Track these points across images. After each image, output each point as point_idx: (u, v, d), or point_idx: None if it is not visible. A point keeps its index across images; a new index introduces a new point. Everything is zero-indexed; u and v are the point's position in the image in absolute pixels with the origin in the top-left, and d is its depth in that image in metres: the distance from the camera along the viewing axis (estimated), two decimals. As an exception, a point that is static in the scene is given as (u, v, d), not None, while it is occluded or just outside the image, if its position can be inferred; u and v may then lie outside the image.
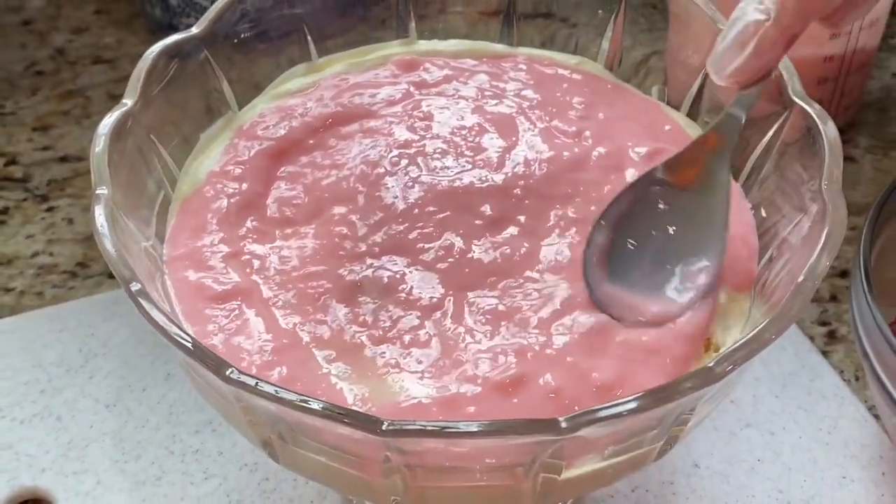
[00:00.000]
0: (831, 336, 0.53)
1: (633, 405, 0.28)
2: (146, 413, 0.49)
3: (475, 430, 0.27)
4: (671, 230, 0.37)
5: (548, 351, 0.34)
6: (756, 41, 0.34)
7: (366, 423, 0.28)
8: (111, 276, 0.57)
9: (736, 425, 0.48)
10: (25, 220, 0.61)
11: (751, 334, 0.30)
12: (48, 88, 0.71)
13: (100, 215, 0.33)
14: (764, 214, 0.39)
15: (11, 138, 0.66)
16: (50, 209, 0.61)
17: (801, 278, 0.32)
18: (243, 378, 0.29)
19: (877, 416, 0.48)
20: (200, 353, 0.29)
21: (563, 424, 0.27)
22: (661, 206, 0.38)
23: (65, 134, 0.67)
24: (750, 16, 0.34)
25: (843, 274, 0.56)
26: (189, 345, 0.30)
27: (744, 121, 0.37)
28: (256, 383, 0.28)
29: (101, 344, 0.52)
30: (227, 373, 0.29)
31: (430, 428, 0.28)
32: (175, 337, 0.30)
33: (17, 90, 0.71)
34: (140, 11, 0.76)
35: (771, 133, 0.39)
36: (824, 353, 0.52)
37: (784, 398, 0.49)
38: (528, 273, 0.37)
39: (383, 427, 0.27)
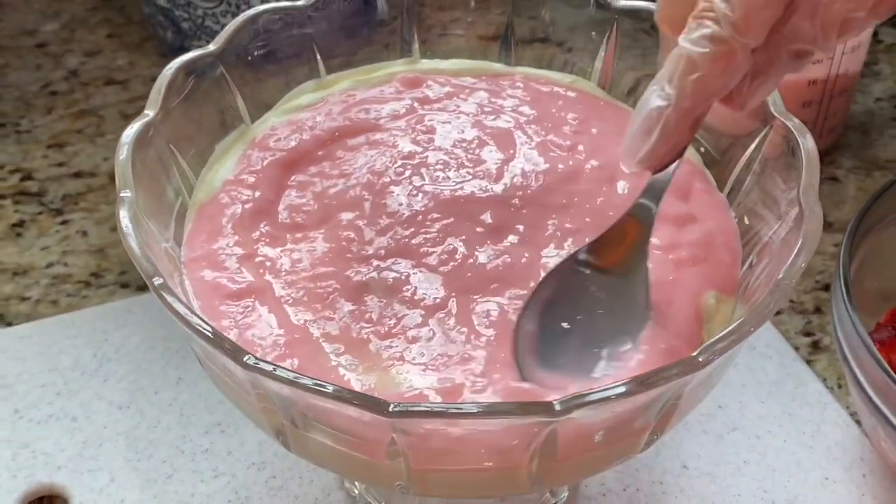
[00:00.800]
0: (815, 346, 0.55)
1: (621, 389, 0.30)
2: (158, 414, 0.51)
3: (475, 410, 0.29)
4: (598, 313, 0.37)
5: None
6: (660, 127, 0.34)
7: (374, 404, 0.29)
8: (124, 286, 0.59)
9: (723, 429, 0.50)
10: (41, 232, 0.63)
11: (731, 327, 0.32)
12: (62, 108, 0.73)
13: (124, 217, 0.35)
14: (747, 222, 0.41)
15: (27, 155, 0.69)
16: (64, 222, 0.63)
17: (779, 275, 0.34)
18: (261, 364, 0.31)
19: (858, 421, 0.50)
20: (220, 342, 0.31)
21: (557, 407, 0.29)
22: (585, 289, 0.38)
23: (78, 151, 0.69)
24: (652, 103, 0.34)
25: (827, 287, 0.58)
26: (209, 333, 0.32)
27: (656, 211, 0.37)
28: (274, 369, 0.30)
29: (114, 349, 0.54)
30: (245, 359, 0.31)
31: (433, 409, 0.30)
32: (196, 326, 0.32)
33: (32, 109, 0.73)
34: (152, 35, 0.78)
35: (752, 147, 0.41)
36: (808, 362, 0.54)
37: (770, 404, 0.51)
38: (527, 279, 0.39)
39: (390, 408, 0.29)
